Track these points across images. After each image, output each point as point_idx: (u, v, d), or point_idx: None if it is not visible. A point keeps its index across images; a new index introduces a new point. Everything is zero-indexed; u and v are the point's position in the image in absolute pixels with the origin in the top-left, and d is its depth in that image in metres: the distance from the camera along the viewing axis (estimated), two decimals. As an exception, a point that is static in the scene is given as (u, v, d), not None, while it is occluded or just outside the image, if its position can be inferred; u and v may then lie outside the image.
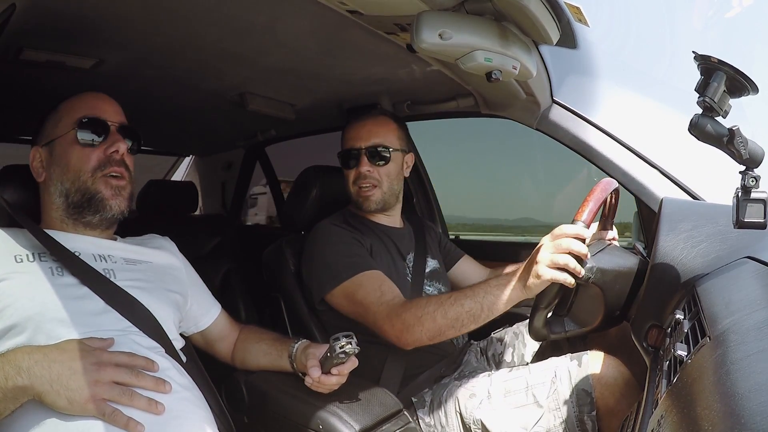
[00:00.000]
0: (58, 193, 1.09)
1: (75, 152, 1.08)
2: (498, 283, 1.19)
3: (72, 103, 1.13)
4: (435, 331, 1.23)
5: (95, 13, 1.08)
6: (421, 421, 1.38)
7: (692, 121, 0.89)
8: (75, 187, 1.08)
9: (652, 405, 0.74)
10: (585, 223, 1.08)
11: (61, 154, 1.09)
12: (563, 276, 1.07)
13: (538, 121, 1.65)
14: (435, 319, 1.22)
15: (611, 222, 1.43)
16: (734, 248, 1.06)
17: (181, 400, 0.98)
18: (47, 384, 0.83)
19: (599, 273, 1.11)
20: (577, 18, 1.12)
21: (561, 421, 1.23)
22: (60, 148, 1.10)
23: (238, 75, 1.55)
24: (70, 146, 1.09)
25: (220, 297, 1.36)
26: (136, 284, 1.08)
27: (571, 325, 1.18)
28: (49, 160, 1.11)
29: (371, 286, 1.37)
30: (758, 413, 0.43)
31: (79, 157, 1.08)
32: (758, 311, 0.68)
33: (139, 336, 1.02)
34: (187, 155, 3.20)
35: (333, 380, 1.10)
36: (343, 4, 1.03)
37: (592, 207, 1.10)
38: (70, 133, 1.09)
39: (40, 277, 0.98)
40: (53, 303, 0.96)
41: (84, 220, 1.10)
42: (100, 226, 1.12)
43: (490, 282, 1.21)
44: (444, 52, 1.04)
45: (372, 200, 1.56)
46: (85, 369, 0.85)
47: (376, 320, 1.32)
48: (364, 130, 1.58)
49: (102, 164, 1.09)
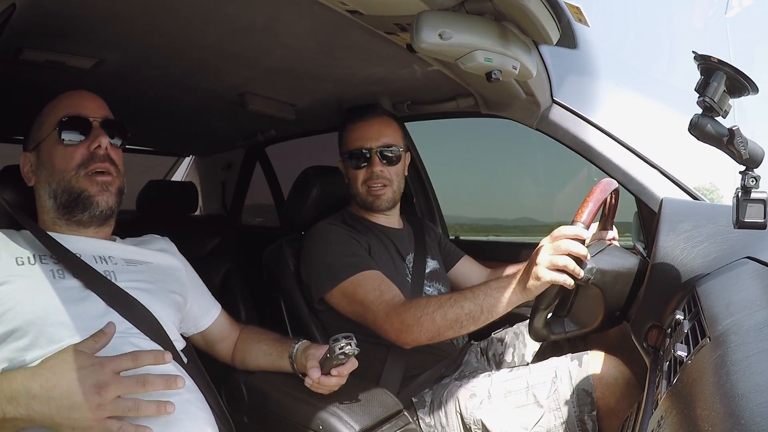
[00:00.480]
0: (47, 195, 1.09)
1: (59, 152, 1.08)
2: (498, 285, 1.19)
3: (53, 104, 1.13)
4: (434, 331, 1.23)
5: (95, 13, 1.07)
6: (421, 421, 1.38)
7: (692, 121, 0.89)
8: (62, 188, 1.08)
9: (652, 405, 0.74)
10: (584, 224, 1.08)
11: (47, 156, 1.10)
12: (562, 277, 1.07)
13: (538, 121, 1.65)
14: (434, 320, 1.22)
15: (611, 222, 1.43)
16: (734, 248, 1.06)
17: (183, 402, 0.98)
18: (48, 418, 0.80)
19: (599, 274, 1.11)
20: (577, 18, 1.12)
21: (561, 421, 1.23)
22: (45, 150, 1.10)
23: (238, 75, 1.54)
24: (54, 147, 1.09)
25: (220, 297, 1.36)
26: (137, 285, 1.08)
27: (571, 326, 1.18)
28: (37, 163, 1.11)
29: (370, 285, 1.37)
30: (758, 414, 0.43)
31: (63, 157, 1.08)
32: (758, 312, 0.68)
33: (141, 338, 1.02)
34: (187, 155, 3.19)
35: (333, 381, 1.10)
36: (343, 4, 1.03)
37: (591, 208, 1.10)
38: (52, 134, 1.09)
39: (42, 280, 0.98)
40: (55, 306, 0.96)
41: (75, 219, 1.09)
42: (92, 224, 1.12)
43: (490, 284, 1.22)
44: (444, 52, 1.03)
45: (383, 199, 1.58)
46: (85, 395, 0.80)
47: (376, 319, 1.32)
48: (373, 129, 1.58)
49: (86, 161, 1.08)
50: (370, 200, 1.58)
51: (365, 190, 1.58)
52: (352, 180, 1.60)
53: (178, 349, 1.11)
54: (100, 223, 1.13)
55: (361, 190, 1.58)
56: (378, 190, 1.57)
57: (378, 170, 1.56)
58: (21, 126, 1.18)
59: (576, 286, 1.12)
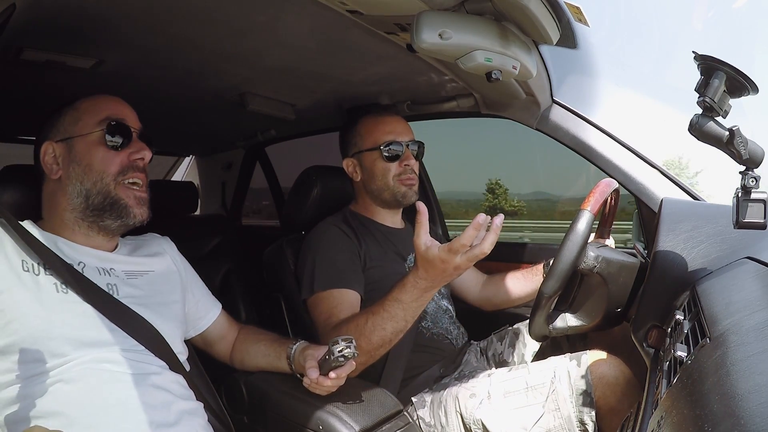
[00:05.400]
0: (76, 193, 1.06)
1: (99, 153, 1.07)
2: (411, 294, 1.15)
3: (94, 101, 1.11)
4: (366, 356, 1.21)
5: (95, 12, 1.07)
6: (421, 421, 1.38)
7: (692, 121, 0.89)
8: (96, 189, 1.06)
9: (652, 405, 0.74)
10: (591, 212, 1.08)
11: (83, 153, 1.07)
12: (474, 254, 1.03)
13: (538, 121, 1.65)
14: (361, 348, 1.17)
15: (608, 230, 1.43)
16: (734, 248, 1.06)
17: (182, 413, 0.99)
18: None
19: (604, 263, 1.10)
20: (577, 18, 1.12)
21: (561, 422, 1.24)
22: (82, 146, 1.07)
23: (238, 75, 1.54)
24: (94, 146, 1.07)
25: (220, 297, 1.36)
26: (140, 300, 1.07)
27: (573, 321, 1.17)
28: (67, 158, 1.07)
29: (328, 305, 1.38)
30: (758, 414, 0.43)
31: (103, 159, 1.07)
32: (758, 312, 0.68)
33: (145, 354, 1.02)
34: (187, 155, 3.19)
35: (331, 382, 1.10)
36: (343, 4, 1.03)
37: (597, 198, 1.10)
38: (95, 133, 1.07)
39: (46, 292, 0.97)
40: (59, 320, 0.95)
41: (102, 224, 1.08)
42: (114, 233, 1.12)
43: (401, 297, 1.16)
44: (444, 52, 1.03)
45: (413, 191, 1.60)
46: None
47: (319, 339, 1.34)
48: (402, 125, 1.61)
49: (124, 169, 1.08)
50: (402, 192, 1.58)
51: (397, 183, 1.57)
52: (380, 174, 1.57)
53: (181, 360, 1.11)
54: (121, 233, 1.13)
55: (392, 183, 1.57)
56: (412, 183, 1.59)
57: (412, 163, 1.58)
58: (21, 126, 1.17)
59: (580, 276, 1.11)
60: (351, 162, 1.63)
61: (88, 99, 1.12)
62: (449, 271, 1.08)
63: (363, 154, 1.59)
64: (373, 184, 1.59)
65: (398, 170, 1.57)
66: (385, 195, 1.59)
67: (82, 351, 0.95)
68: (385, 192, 1.58)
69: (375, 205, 1.63)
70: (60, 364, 0.93)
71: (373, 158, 1.58)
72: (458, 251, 1.03)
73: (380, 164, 1.57)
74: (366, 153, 1.59)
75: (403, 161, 1.57)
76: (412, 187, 1.59)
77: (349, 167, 1.63)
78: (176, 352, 1.08)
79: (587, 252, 1.09)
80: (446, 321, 1.60)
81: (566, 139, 1.60)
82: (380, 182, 1.58)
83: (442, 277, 1.10)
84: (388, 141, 1.56)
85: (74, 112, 1.10)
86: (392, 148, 1.56)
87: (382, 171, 1.57)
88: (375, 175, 1.58)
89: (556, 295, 1.12)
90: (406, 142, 1.58)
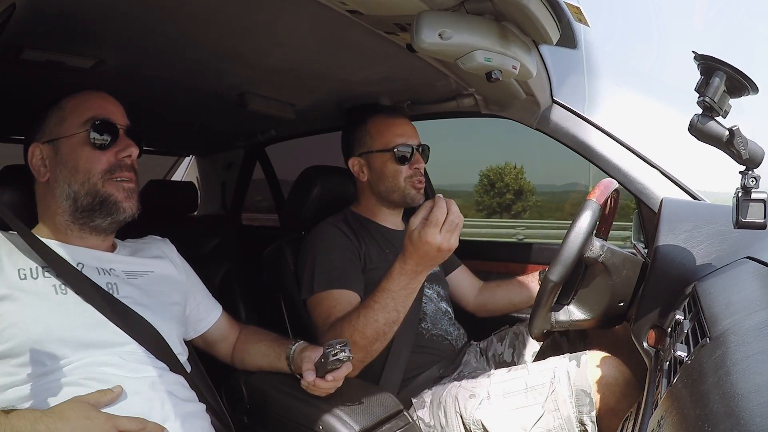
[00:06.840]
0: (65, 196, 1.05)
1: (85, 153, 1.05)
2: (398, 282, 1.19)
3: (79, 101, 1.09)
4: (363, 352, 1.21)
5: (95, 13, 1.07)
6: (421, 421, 1.38)
7: (692, 121, 0.89)
8: (85, 190, 1.05)
9: (652, 405, 0.74)
10: (598, 202, 1.08)
11: (69, 154, 1.05)
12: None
13: (538, 121, 1.65)
14: (356, 343, 1.19)
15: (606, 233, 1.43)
16: (734, 248, 1.06)
17: (185, 416, 0.99)
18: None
19: (609, 253, 1.09)
20: (577, 18, 1.12)
21: (561, 422, 1.24)
22: (67, 147, 1.05)
23: (238, 75, 1.54)
24: (80, 147, 1.05)
25: (220, 297, 1.36)
26: (140, 300, 1.07)
27: (576, 314, 1.16)
28: (54, 159, 1.06)
29: (327, 305, 1.38)
30: (758, 414, 0.43)
31: (89, 159, 1.05)
32: (758, 312, 0.68)
33: (146, 356, 1.02)
34: (187, 155, 3.20)
35: (328, 384, 1.10)
36: (343, 4, 1.03)
37: (603, 190, 1.10)
38: (80, 134, 1.05)
39: (44, 296, 0.96)
40: (58, 323, 0.95)
41: (92, 224, 1.07)
42: (106, 231, 1.10)
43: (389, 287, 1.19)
44: (444, 52, 1.03)
45: (421, 194, 1.61)
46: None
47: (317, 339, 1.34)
48: (412, 127, 1.63)
49: (112, 168, 1.06)
50: (411, 195, 1.59)
51: (408, 185, 1.58)
52: (390, 175, 1.57)
53: (182, 361, 1.10)
54: (113, 230, 1.12)
55: (403, 185, 1.58)
56: (422, 186, 1.60)
57: (421, 166, 1.60)
58: (21, 126, 1.17)
59: (583, 268, 1.11)
60: (358, 161, 1.61)
61: (74, 97, 1.10)
62: (432, 252, 1.11)
63: (373, 155, 1.59)
64: (382, 185, 1.59)
65: (408, 173, 1.58)
66: (395, 196, 1.59)
67: (81, 353, 0.94)
68: (394, 193, 1.59)
69: (379, 206, 1.63)
70: (60, 366, 0.93)
71: (384, 159, 1.57)
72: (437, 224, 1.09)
73: (391, 166, 1.57)
74: (377, 154, 1.58)
75: (414, 164, 1.58)
76: (420, 190, 1.60)
77: (356, 167, 1.62)
78: (176, 353, 1.08)
79: (593, 241, 1.09)
80: (445, 322, 1.60)
81: (566, 139, 1.60)
82: (390, 183, 1.58)
83: (426, 259, 1.13)
84: (400, 143, 1.57)
85: (60, 112, 1.08)
86: (404, 151, 1.57)
87: (393, 173, 1.57)
88: (385, 176, 1.58)
89: (561, 283, 1.10)
90: (415, 145, 1.59)
